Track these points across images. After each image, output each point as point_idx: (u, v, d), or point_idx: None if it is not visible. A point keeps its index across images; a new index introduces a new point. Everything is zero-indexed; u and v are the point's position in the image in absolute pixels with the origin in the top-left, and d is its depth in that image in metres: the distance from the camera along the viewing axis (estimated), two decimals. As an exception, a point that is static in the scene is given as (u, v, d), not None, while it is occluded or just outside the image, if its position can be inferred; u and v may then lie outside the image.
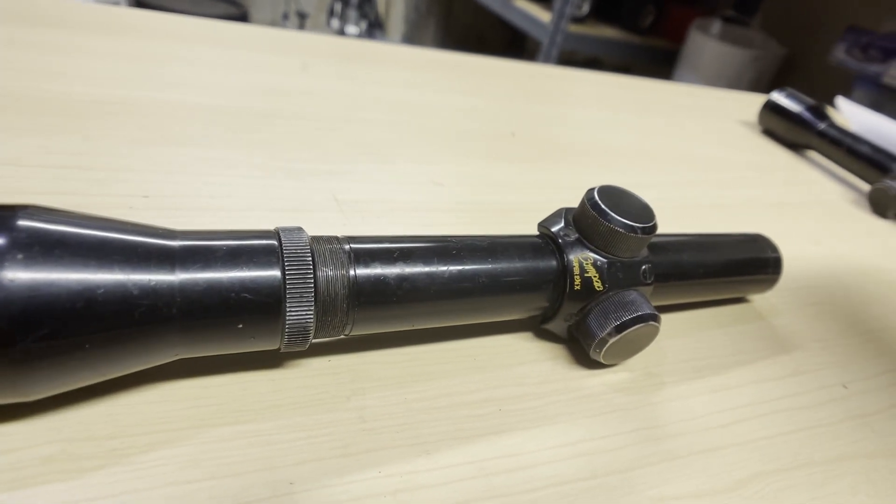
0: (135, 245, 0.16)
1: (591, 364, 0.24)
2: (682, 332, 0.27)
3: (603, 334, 0.22)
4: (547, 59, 1.61)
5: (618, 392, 0.23)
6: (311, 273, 0.18)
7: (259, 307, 0.17)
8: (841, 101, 0.66)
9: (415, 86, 0.46)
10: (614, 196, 0.23)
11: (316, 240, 0.19)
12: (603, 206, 0.22)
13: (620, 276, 0.22)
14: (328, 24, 2.18)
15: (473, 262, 0.21)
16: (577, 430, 0.21)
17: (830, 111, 0.73)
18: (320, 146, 0.34)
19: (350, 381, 0.20)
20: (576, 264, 0.22)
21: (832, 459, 0.23)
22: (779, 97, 0.59)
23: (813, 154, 0.59)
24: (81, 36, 0.38)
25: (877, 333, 0.32)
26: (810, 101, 0.57)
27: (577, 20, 1.66)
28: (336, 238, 0.19)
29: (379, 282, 0.19)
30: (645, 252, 0.24)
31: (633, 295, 0.22)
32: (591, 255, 0.22)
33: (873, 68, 1.05)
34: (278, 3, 2.23)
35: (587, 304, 0.22)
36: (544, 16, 1.64)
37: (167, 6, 1.65)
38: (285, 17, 2.21)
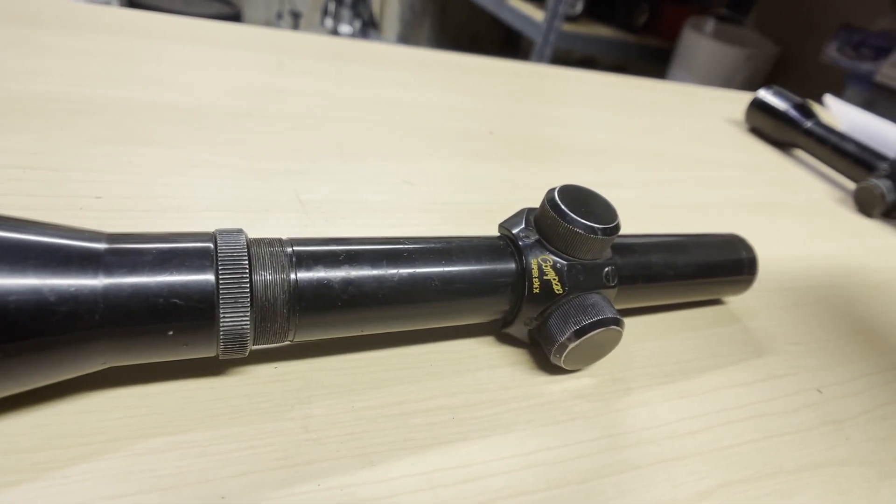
0: (54, 249, 0.15)
1: (553, 369, 0.23)
2: (652, 335, 0.27)
3: (562, 339, 0.21)
4: (540, 58, 1.60)
5: (579, 399, 0.22)
6: (246, 277, 0.17)
7: (190, 313, 0.16)
8: (829, 98, 0.66)
9: (394, 84, 0.46)
10: (576, 196, 0.22)
11: (256, 242, 0.18)
12: (562, 207, 0.21)
13: (581, 278, 0.21)
14: (322, 23, 2.17)
15: (426, 265, 0.20)
16: (533, 438, 0.20)
17: (819, 109, 0.72)
18: (290, 145, 0.33)
19: (297, 388, 0.19)
20: (535, 266, 0.21)
21: (802, 468, 0.22)
22: (765, 95, 0.58)
23: (800, 153, 0.58)
24: (52, 35, 0.37)
25: (857, 336, 0.31)
26: (797, 99, 0.57)
27: (571, 19, 1.65)
28: (279, 240, 0.18)
29: (322, 286, 0.18)
30: (609, 253, 0.23)
31: (594, 298, 0.22)
32: (551, 256, 0.21)
33: (865, 66, 1.05)
34: (272, 2, 2.22)
35: (547, 308, 0.22)
36: (538, 14, 1.63)
37: (160, 6, 1.65)
38: (279, 16, 2.21)
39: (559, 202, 0.21)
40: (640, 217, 0.37)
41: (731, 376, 0.25)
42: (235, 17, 1.94)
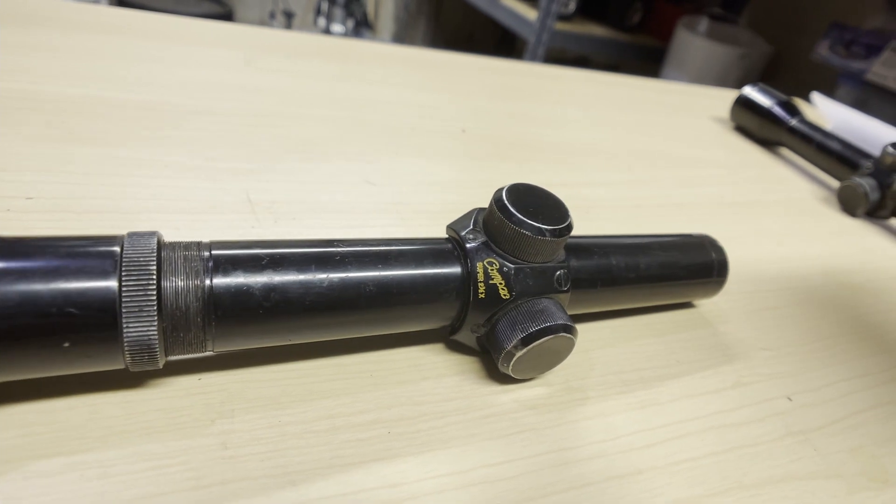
0: (-71, 254, 0.14)
1: (504, 378, 0.22)
2: (614, 341, 0.25)
3: (509, 347, 0.20)
4: (534, 58, 1.59)
5: (530, 409, 0.21)
6: (153, 284, 0.15)
7: (88, 323, 0.15)
8: (816, 96, 0.65)
9: (366, 81, 0.44)
10: (526, 195, 0.21)
11: (171, 246, 0.17)
12: (509, 207, 0.20)
13: (530, 282, 0.20)
14: (315, 22, 2.16)
15: (360, 270, 0.19)
16: (474, 454, 0.19)
17: (806, 107, 0.71)
18: (247, 144, 0.32)
19: (220, 401, 0.18)
20: (480, 270, 0.20)
21: (764, 482, 0.21)
22: (750, 92, 0.57)
23: (785, 151, 0.57)
24: (6, 29, 0.36)
25: (832, 340, 0.30)
26: (782, 96, 0.55)
27: (564, 18, 1.64)
28: (196, 244, 0.17)
29: (241, 293, 0.17)
30: (562, 256, 0.22)
31: (544, 303, 0.20)
32: (498, 260, 0.20)
33: (857, 65, 1.03)
34: (266, 2, 2.21)
35: (495, 314, 0.20)
36: (531, 14, 1.62)
37: (149, 5, 1.63)
38: (272, 16, 2.19)
39: (506, 202, 0.20)
40: (612, 217, 0.36)
41: (695, 384, 0.24)
42: (227, 16, 1.93)
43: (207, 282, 0.16)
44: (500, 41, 2.50)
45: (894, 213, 0.45)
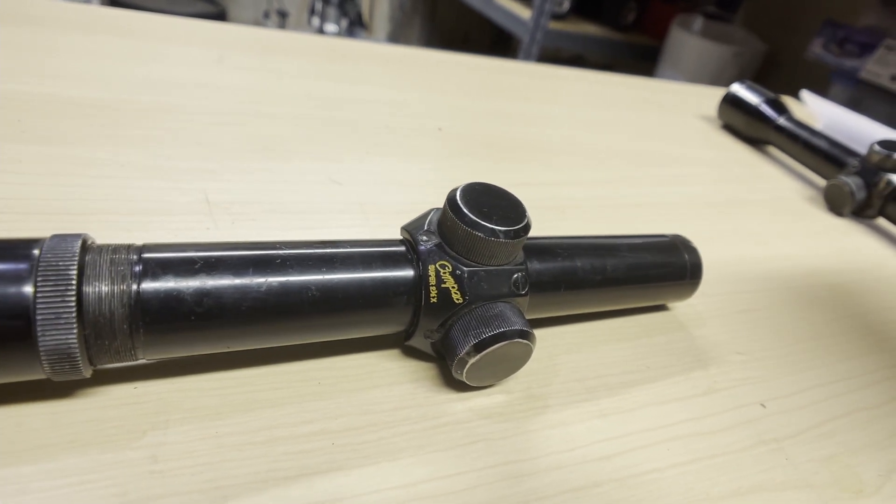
0: None
1: (461, 386, 0.21)
2: (580, 345, 0.25)
3: (462, 353, 0.19)
4: (528, 57, 1.58)
5: (486, 419, 0.20)
6: (72, 289, 0.15)
7: (0, 332, 0.14)
8: (806, 94, 0.64)
9: (340, 79, 0.43)
10: (481, 195, 0.20)
11: (98, 249, 0.16)
12: (462, 208, 0.19)
13: (485, 286, 0.19)
14: (309, 22, 2.15)
15: (302, 273, 0.18)
16: (422, 466, 0.18)
17: (794, 105, 0.70)
18: (211, 143, 0.31)
19: (155, 412, 0.17)
20: (432, 274, 0.19)
21: (732, 493, 0.20)
22: (738, 89, 0.56)
23: (773, 150, 0.56)
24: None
25: (810, 343, 0.29)
26: (770, 94, 0.55)
27: (558, 17, 1.64)
28: (126, 247, 0.16)
29: (171, 298, 0.16)
30: (520, 258, 0.21)
31: (499, 308, 0.19)
32: (451, 262, 0.19)
33: (850, 63, 1.03)
34: (260, 1, 2.20)
35: (448, 319, 0.20)
36: (524, 12, 1.61)
37: (143, 5, 1.62)
38: (266, 15, 2.18)
39: (459, 202, 0.19)
40: (588, 217, 0.35)
41: (663, 391, 0.23)
42: (220, 16, 1.92)
43: (134, 287, 0.16)
44: (496, 41, 2.50)
45: (881, 213, 0.44)
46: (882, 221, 0.46)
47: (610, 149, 0.46)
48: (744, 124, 0.55)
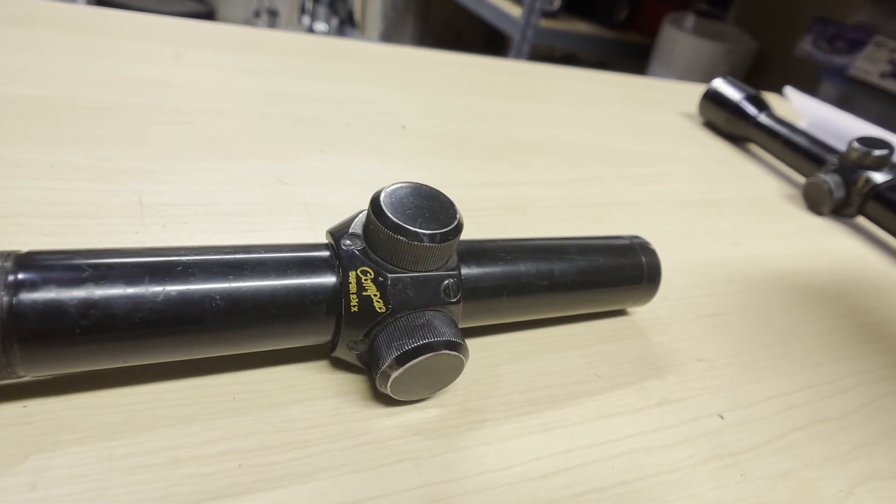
0: None
1: (390, 400, 0.20)
2: (528, 354, 0.23)
3: (383, 366, 0.18)
4: (519, 55, 1.57)
5: (416, 435, 0.19)
6: (-70, 302, 0.13)
7: None
8: (790, 91, 0.63)
9: (301, 76, 0.42)
10: (410, 196, 0.19)
11: (-30, 256, 0.15)
12: (384, 209, 0.18)
13: (411, 294, 0.18)
14: (299, 21, 2.14)
15: (205, 281, 0.16)
16: (337, 490, 0.16)
17: (778, 102, 0.69)
18: (153, 142, 0.30)
19: (42, 433, 0.16)
20: (353, 281, 0.18)
21: (678, 514, 0.19)
22: (719, 85, 0.55)
23: (754, 147, 0.55)
24: None
25: (778, 348, 0.28)
26: (751, 90, 0.53)
27: (549, 15, 1.62)
28: (4, 254, 0.15)
29: (51, 310, 0.15)
30: (453, 263, 0.19)
31: (427, 317, 0.18)
32: (374, 268, 0.18)
33: (840, 60, 1.01)
34: (251, 0, 2.18)
35: (372, 329, 0.18)
36: (515, 10, 1.60)
37: (130, 4, 1.61)
38: (257, 14, 2.17)
39: (382, 204, 0.18)
40: (551, 218, 0.33)
41: (613, 402, 0.22)
42: (209, 15, 1.90)
43: (6, 298, 0.14)
44: (489, 40, 2.48)
45: (861, 212, 0.43)
46: (862, 220, 0.45)
47: (584, 147, 0.45)
48: (724, 121, 0.54)
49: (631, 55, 1.76)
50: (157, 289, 0.16)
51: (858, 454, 0.23)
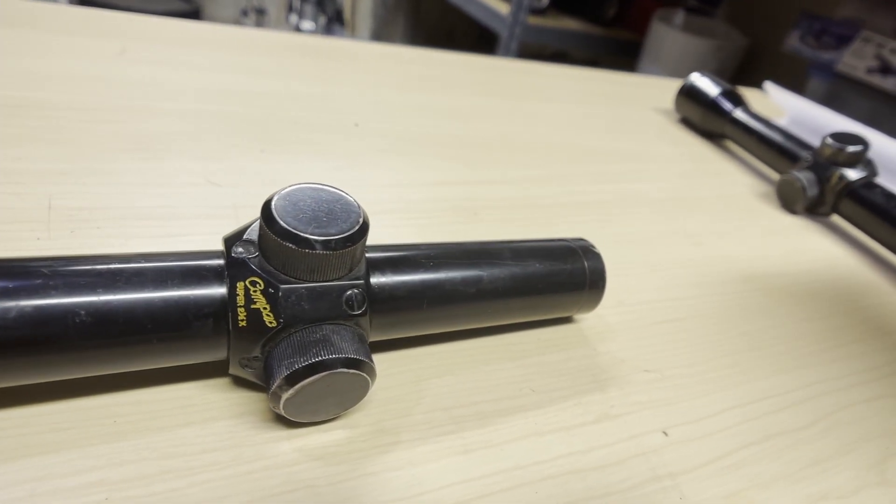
0: None
1: (292, 422, 0.18)
2: (456, 367, 0.22)
3: (273, 387, 0.16)
4: (507, 53, 1.56)
5: (316, 460, 0.17)
6: None
7: None
8: (769, 86, 0.61)
9: (249, 72, 0.40)
10: (308, 199, 0.17)
11: None
12: (274, 215, 0.16)
13: (306, 306, 0.16)
14: (287, 19, 2.12)
15: (68, 295, 0.15)
16: (214, 525, 0.15)
17: (758, 97, 0.67)
18: (76, 141, 0.28)
19: None
20: (240, 292, 0.16)
21: (604, 545, 0.17)
22: (696, 79, 0.53)
23: (730, 144, 0.53)
24: None
25: (736, 356, 0.26)
26: (726, 85, 0.52)
27: (537, 12, 1.61)
28: None
29: None
30: (360, 271, 0.18)
31: (324, 332, 0.17)
32: (264, 279, 0.16)
33: (827, 56, 1.00)
34: (239, -1, 2.17)
35: (265, 345, 0.17)
36: (503, 7, 1.58)
37: (114, 3, 1.59)
38: (244, 13, 2.15)
39: (273, 208, 0.16)
40: (504, 218, 0.32)
41: (546, 419, 0.20)
42: (194, 14, 1.88)
43: None
44: (480, 37, 2.47)
45: (835, 210, 0.41)
46: (837, 219, 0.43)
47: (551, 144, 0.43)
48: (700, 117, 0.52)
49: (621, 52, 1.74)
50: (10, 304, 0.14)
51: (812, 472, 0.21)
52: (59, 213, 0.24)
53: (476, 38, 2.48)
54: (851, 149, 0.39)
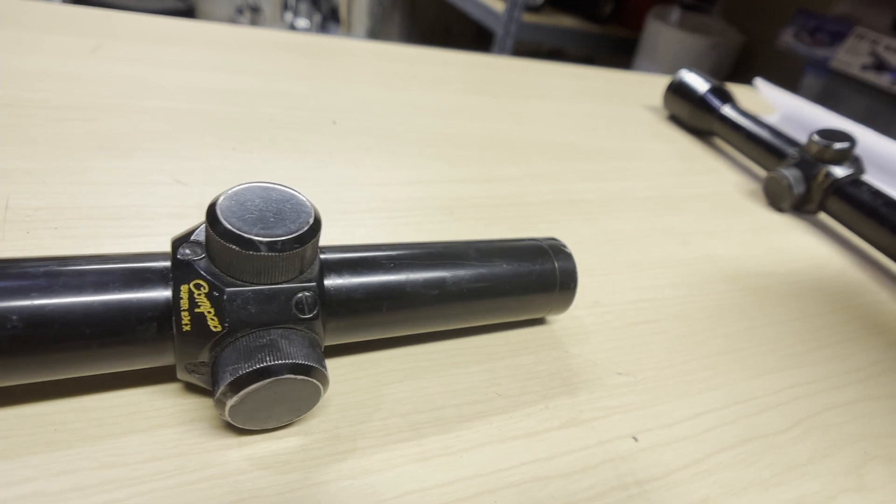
0: None
1: (243, 429, 0.17)
2: (420, 371, 0.21)
3: (218, 393, 0.15)
4: (502, 50, 1.55)
5: (266, 469, 0.16)
6: None
7: None
8: (760, 82, 0.60)
9: (226, 70, 0.40)
10: (257, 198, 0.16)
11: None
12: (218, 215, 0.15)
13: (252, 310, 0.16)
14: (282, 17, 2.11)
15: (0, 300, 0.14)
16: (152, 538, 0.14)
17: (748, 94, 0.66)
18: (39, 140, 0.27)
19: None
20: (184, 296, 0.16)
21: (565, 556, 0.16)
22: (684, 76, 0.52)
23: (719, 142, 0.53)
24: None
25: (715, 359, 0.26)
26: (716, 81, 0.51)
27: (533, 9, 1.60)
28: None
29: None
30: (312, 273, 0.17)
31: (272, 337, 0.16)
32: (209, 281, 0.16)
33: (822, 53, 0.99)
34: (234, -3, 2.16)
35: (212, 350, 0.16)
36: (498, 5, 1.58)
37: (112, 3, 1.58)
38: (240, 11, 2.14)
39: (217, 208, 0.16)
40: (480, 218, 0.31)
41: (511, 425, 0.20)
42: (188, 12, 1.87)
43: None
44: (477, 35, 2.46)
45: (822, 207, 0.40)
46: (824, 217, 0.43)
47: (538, 142, 0.42)
48: (688, 114, 0.52)
49: (617, 50, 1.74)
50: (-66, 309, 0.13)
51: (787, 477, 0.21)
52: (16, 214, 0.23)
53: (473, 35, 2.48)
54: (838, 146, 0.39)
